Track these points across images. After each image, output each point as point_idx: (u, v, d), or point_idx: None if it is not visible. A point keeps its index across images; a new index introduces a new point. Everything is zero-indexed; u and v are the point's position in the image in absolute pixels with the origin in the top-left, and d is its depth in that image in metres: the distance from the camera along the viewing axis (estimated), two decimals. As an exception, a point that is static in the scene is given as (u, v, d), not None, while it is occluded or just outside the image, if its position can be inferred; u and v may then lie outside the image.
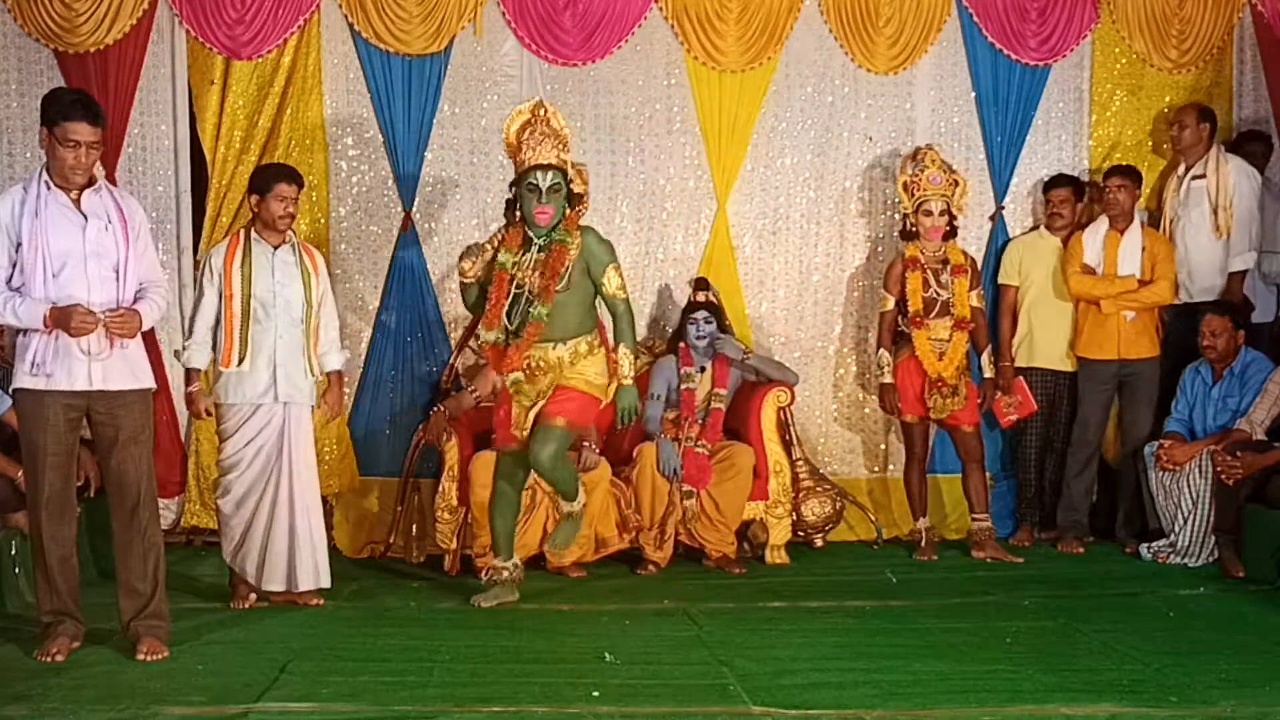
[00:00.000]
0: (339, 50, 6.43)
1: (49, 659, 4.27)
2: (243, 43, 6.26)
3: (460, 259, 5.13)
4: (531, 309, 4.97)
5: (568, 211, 5.04)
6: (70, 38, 6.18)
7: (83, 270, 4.27)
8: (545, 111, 5.06)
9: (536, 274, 4.98)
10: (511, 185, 5.09)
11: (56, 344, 4.25)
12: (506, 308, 5.01)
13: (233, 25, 6.24)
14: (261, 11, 6.25)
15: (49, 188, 4.28)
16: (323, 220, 6.42)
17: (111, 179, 5.70)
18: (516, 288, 5.01)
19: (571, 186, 5.08)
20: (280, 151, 6.29)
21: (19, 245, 4.24)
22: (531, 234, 5.03)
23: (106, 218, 4.34)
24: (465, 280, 5.14)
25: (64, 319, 4.19)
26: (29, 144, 6.31)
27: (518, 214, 5.08)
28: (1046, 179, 6.64)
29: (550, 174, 4.95)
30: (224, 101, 6.30)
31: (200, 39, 6.25)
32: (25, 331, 4.27)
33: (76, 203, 4.31)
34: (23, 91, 6.31)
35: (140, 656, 4.32)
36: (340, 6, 6.35)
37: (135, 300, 4.39)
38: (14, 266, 4.25)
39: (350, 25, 6.38)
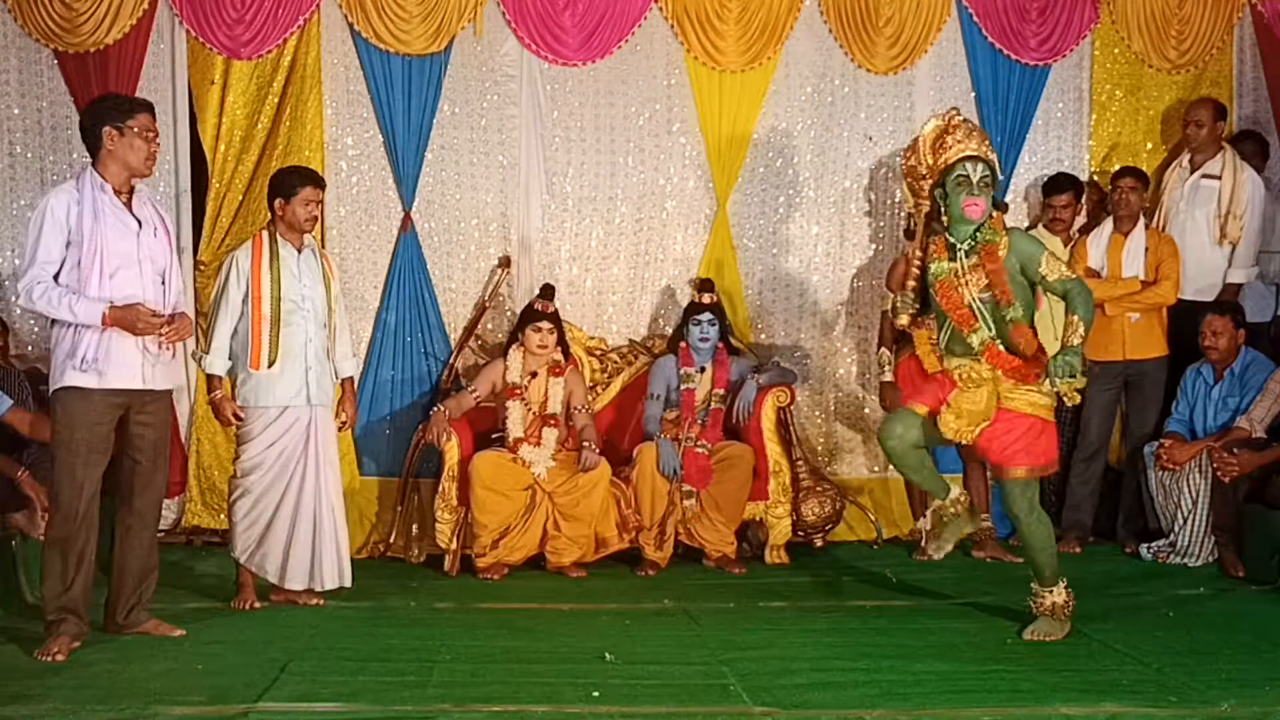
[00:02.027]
0: (339, 50, 6.43)
1: (49, 658, 4.27)
2: (243, 43, 6.26)
3: (896, 312, 4.85)
4: (1005, 314, 4.62)
5: (993, 213, 4.70)
6: (70, 38, 6.18)
7: (137, 274, 4.40)
8: (959, 115, 4.77)
9: (975, 279, 4.65)
10: (935, 188, 4.70)
11: (110, 342, 4.33)
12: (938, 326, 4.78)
13: (233, 25, 6.25)
14: (261, 11, 6.25)
15: (103, 190, 4.38)
16: (322, 220, 6.41)
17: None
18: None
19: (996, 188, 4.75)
20: (280, 151, 6.30)
21: (69, 243, 4.32)
22: (953, 238, 4.69)
23: (154, 225, 4.51)
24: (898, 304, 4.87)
25: (128, 319, 4.31)
26: (30, 144, 6.32)
27: (943, 219, 4.73)
28: (1045, 180, 6.63)
29: (980, 165, 4.61)
30: (224, 101, 6.30)
31: (200, 39, 6.25)
32: (75, 329, 4.32)
33: (128, 206, 4.43)
34: (23, 92, 6.32)
35: (177, 633, 4.56)
36: (340, 6, 6.35)
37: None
38: (62, 263, 4.32)
39: (350, 25, 6.38)
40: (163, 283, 4.50)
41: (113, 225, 4.37)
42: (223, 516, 5.75)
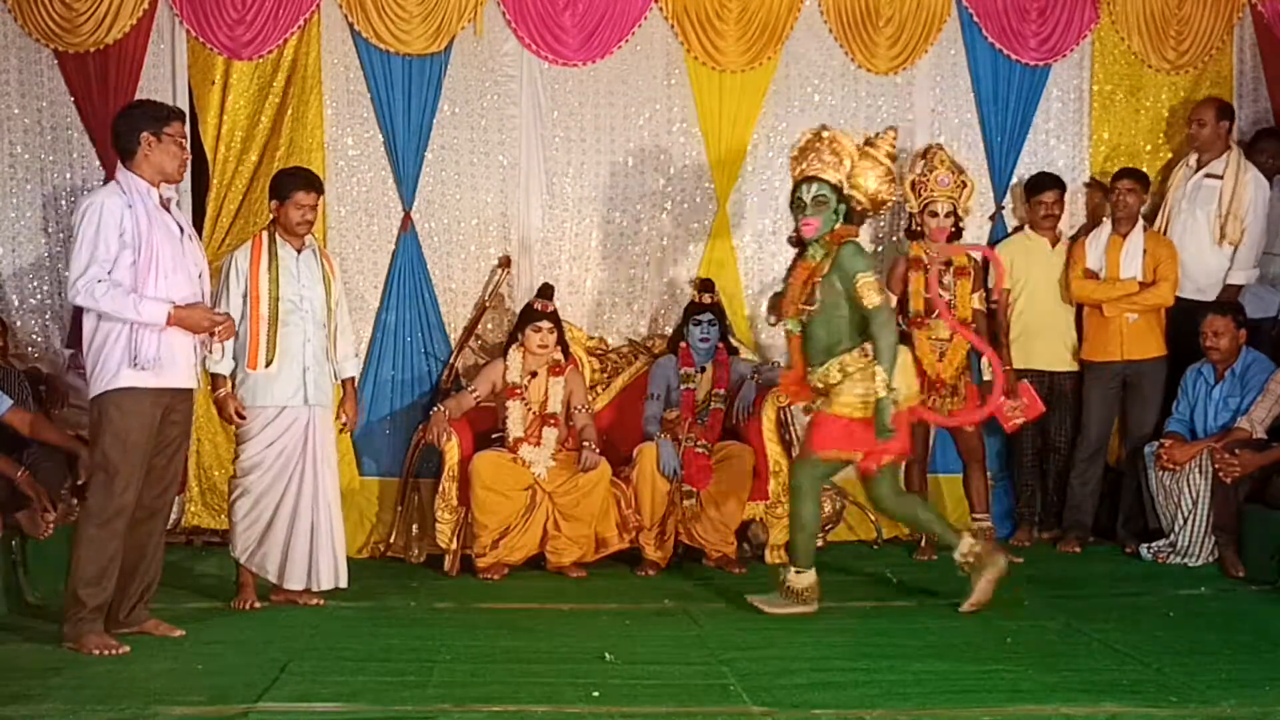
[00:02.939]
0: (339, 50, 6.43)
1: (113, 653, 4.31)
2: (243, 43, 6.26)
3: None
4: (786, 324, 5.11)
5: (836, 226, 4.98)
6: (70, 38, 6.18)
7: (186, 277, 4.49)
8: (827, 134, 5.02)
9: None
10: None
11: (170, 341, 4.40)
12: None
13: (233, 25, 6.25)
14: (262, 11, 6.25)
15: (148, 194, 4.44)
16: (322, 220, 6.41)
17: (112, 179, 5.70)
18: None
19: (852, 203, 5.00)
20: (281, 151, 6.29)
21: (123, 244, 4.35)
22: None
23: (189, 230, 4.64)
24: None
25: (192, 318, 4.43)
26: (30, 144, 6.32)
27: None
28: (1028, 180, 6.60)
29: (815, 186, 4.94)
30: (224, 101, 6.30)
31: (200, 39, 6.25)
32: (132, 329, 4.34)
33: (165, 211, 4.51)
34: (23, 92, 6.32)
35: (177, 634, 4.58)
36: (340, 6, 6.35)
37: None
38: (114, 262, 4.34)
39: (350, 25, 6.38)
40: (200, 282, 4.60)
41: (159, 228, 4.43)
42: (223, 516, 5.75)
